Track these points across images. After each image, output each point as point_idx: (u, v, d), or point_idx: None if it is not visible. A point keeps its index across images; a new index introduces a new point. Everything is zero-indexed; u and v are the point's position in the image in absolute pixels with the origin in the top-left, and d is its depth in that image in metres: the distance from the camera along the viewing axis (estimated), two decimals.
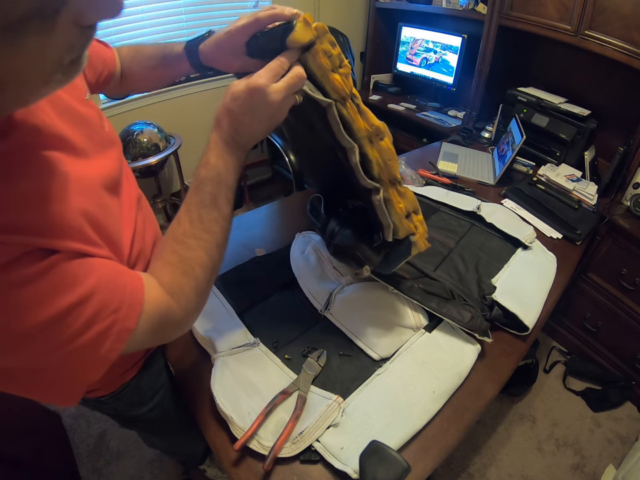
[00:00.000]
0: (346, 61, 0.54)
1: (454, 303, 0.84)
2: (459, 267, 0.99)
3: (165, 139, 1.91)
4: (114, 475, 1.29)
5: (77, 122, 0.47)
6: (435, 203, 1.26)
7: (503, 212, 1.20)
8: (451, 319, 0.80)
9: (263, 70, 0.47)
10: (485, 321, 0.82)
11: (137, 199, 0.62)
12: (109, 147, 0.54)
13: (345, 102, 0.55)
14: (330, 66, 0.52)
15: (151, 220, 0.67)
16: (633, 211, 1.35)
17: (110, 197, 0.49)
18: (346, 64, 0.54)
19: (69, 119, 0.46)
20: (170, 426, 0.84)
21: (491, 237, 1.11)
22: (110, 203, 0.49)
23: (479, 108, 2.03)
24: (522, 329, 0.85)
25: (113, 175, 0.52)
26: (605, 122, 1.59)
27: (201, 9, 2.01)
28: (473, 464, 1.35)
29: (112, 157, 0.54)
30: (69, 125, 0.45)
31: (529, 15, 1.63)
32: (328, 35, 0.51)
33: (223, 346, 0.74)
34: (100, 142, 0.51)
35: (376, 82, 2.60)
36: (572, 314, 1.64)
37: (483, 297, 0.90)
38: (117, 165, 0.54)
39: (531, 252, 1.06)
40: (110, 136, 0.55)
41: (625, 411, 1.53)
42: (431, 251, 1.03)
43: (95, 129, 0.51)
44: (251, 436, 0.60)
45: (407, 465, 0.57)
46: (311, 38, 0.49)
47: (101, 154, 0.50)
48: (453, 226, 1.15)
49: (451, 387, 0.72)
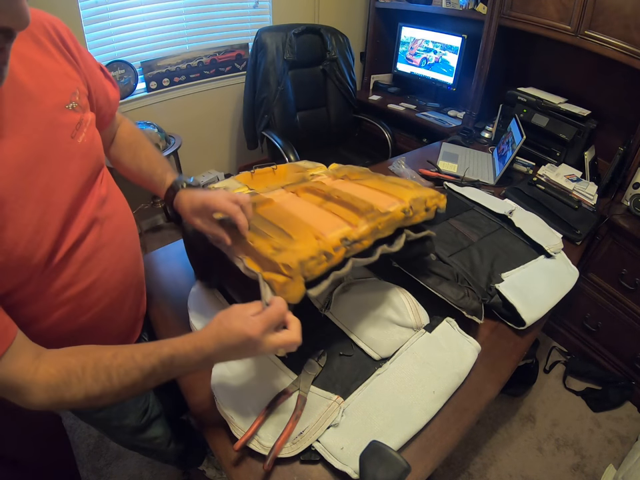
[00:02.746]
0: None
1: (451, 283, 0.85)
2: (474, 258, 1.01)
3: (164, 139, 1.91)
4: (114, 475, 1.29)
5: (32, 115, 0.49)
6: (470, 201, 1.28)
7: (535, 220, 1.20)
8: (441, 294, 0.81)
9: (262, 320, 0.50)
10: (479, 303, 0.83)
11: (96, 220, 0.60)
12: (70, 158, 0.54)
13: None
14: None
15: (119, 244, 0.65)
16: (633, 210, 1.34)
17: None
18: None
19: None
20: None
21: (516, 240, 1.11)
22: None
23: (478, 108, 2.03)
24: (519, 323, 0.86)
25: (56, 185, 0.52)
26: (605, 122, 1.59)
27: (201, 9, 2.01)
28: (473, 464, 1.35)
29: (68, 169, 0.54)
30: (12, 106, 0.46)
31: (528, 14, 1.63)
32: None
33: None
34: (59, 149, 0.52)
35: (376, 82, 2.60)
36: (572, 314, 1.64)
37: (489, 287, 0.91)
38: (70, 179, 0.54)
39: (553, 261, 1.06)
40: (80, 149, 0.56)
41: (624, 411, 1.53)
42: (450, 240, 1.06)
43: (58, 137, 0.52)
44: (251, 436, 0.60)
45: (407, 465, 0.57)
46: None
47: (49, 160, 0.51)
48: (482, 224, 1.16)
49: (451, 387, 0.72)
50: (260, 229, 0.66)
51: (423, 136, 2.22)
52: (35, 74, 0.50)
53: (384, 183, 0.86)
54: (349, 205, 0.72)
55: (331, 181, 0.93)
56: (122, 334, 0.74)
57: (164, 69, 2.01)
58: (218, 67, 2.19)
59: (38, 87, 0.50)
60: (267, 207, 0.76)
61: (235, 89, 2.28)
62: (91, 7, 1.69)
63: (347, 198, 0.74)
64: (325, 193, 0.79)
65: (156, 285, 0.94)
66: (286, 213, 0.72)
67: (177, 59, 2.03)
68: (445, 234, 1.08)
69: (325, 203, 0.77)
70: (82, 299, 0.59)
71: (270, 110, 1.99)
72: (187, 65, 2.07)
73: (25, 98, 0.48)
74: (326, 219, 0.70)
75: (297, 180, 0.96)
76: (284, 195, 0.83)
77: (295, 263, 0.57)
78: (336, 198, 0.76)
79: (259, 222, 0.69)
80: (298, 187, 0.86)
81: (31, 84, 0.49)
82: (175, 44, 2.02)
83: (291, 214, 0.72)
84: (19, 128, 0.47)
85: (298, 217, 0.70)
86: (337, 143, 2.28)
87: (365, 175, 0.95)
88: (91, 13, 1.70)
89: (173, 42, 2.01)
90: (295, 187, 0.86)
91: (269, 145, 2.08)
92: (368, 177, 0.93)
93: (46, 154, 0.50)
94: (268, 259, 0.59)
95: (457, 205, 1.25)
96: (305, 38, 2.04)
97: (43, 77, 0.51)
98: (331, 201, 0.77)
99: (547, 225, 1.19)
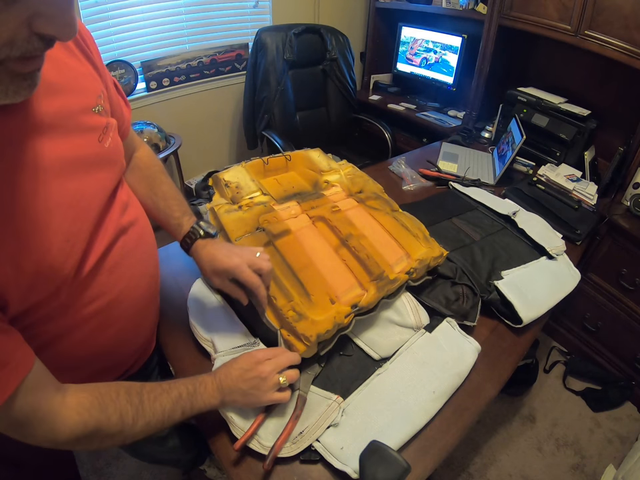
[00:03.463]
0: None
1: (446, 285, 0.86)
2: (476, 255, 1.01)
3: (164, 139, 1.91)
4: (114, 475, 1.29)
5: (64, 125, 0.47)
6: (474, 201, 1.28)
7: (538, 221, 1.20)
8: (428, 303, 0.83)
9: (270, 365, 0.60)
10: (474, 301, 0.84)
11: (123, 226, 0.59)
12: (99, 163, 0.52)
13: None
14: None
15: (142, 256, 0.64)
16: (633, 211, 1.34)
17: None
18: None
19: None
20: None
21: (518, 240, 1.11)
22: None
23: (478, 108, 2.03)
24: (517, 321, 0.86)
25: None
26: (605, 122, 1.59)
27: (201, 8, 2.01)
28: (473, 464, 1.35)
29: (99, 176, 0.52)
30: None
31: (528, 14, 1.63)
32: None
33: (223, 346, 0.74)
34: (91, 155, 0.51)
35: (376, 82, 2.60)
36: (572, 314, 1.64)
37: (488, 284, 0.92)
38: (101, 186, 0.53)
39: (555, 262, 1.06)
40: (107, 154, 0.54)
41: (625, 411, 1.53)
42: (453, 237, 1.07)
43: (87, 140, 0.50)
44: (250, 436, 0.60)
45: (407, 464, 0.57)
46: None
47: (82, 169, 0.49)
48: (485, 224, 1.16)
49: (451, 387, 0.72)
50: (281, 279, 0.71)
51: (423, 136, 2.22)
52: (62, 73, 0.47)
53: (397, 225, 0.90)
54: (364, 264, 0.78)
55: (345, 199, 0.95)
56: (141, 347, 0.72)
57: (164, 68, 2.01)
58: (218, 67, 2.19)
59: (67, 86, 0.47)
60: (285, 241, 0.79)
61: (234, 88, 2.28)
62: (91, 6, 1.69)
63: (363, 255, 0.79)
64: (342, 236, 0.83)
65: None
66: (305, 258, 0.77)
67: (177, 58, 2.03)
68: (447, 232, 1.09)
69: (340, 248, 0.82)
70: (110, 310, 0.56)
71: (270, 110, 1.99)
72: (186, 65, 2.07)
73: (54, 97, 0.45)
74: (340, 274, 0.77)
75: (311, 183, 0.96)
76: (301, 220, 0.84)
77: (314, 336, 0.65)
78: (352, 248, 0.81)
79: (278, 263, 0.73)
80: (315, 212, 0.87)
81: (60, 82, 0.46)
82: (175, 44, 2.01)
83: (309, 261, 0.77)
84: (55, 128, 0.44)
85: (315, 267, 0.76)
86: (337, 143, 2.28)
87: (380, 203, 0.96)
88: (91, 13, 1.70)
89: (173, 42, 2.01)
90: (309, 206, 0.88)
91: (268, 144, 2.08)
92: (382, 205, 0.96)
93: (77, 157, 0.48)
94: (290, 323, 0.67)
95: (460, 205, 1.26)
96: (305, 38, 2.04)
97: (71, 77, 0.49)
98: (347, 248, 0.82)
99: (550, 227, 1.19)
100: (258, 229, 0.80)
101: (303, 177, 1.00)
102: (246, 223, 0.81)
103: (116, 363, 0.66)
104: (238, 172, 0.94)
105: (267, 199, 0.87)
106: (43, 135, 0.43)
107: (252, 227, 0.80)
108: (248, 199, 0.86)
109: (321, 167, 1.03)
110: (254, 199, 0.86)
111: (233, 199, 0.86)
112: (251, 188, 0.88)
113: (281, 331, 0.69)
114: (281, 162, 0.98)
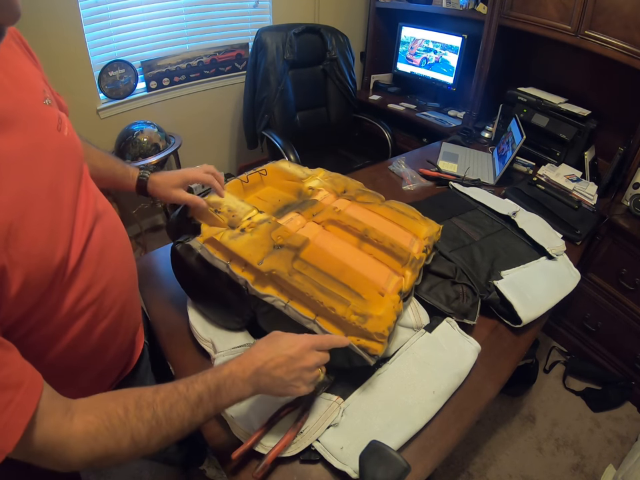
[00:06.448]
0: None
1: (445, 283, 0.87)
2: (476, 255, 1.02)
3: (164, 139, 1.91)
4: (114, 475, 1.29)
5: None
6: (474, 201, 1.28)
7: (538, 221, 1.20)
8: (429, 301, 0.84)
9: (318, 356, 0.57)
10: (474, 301, 0.85)
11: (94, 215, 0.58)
12: (63, 150, 0.52)
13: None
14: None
15: (115, 241, 0.63)
16: (633, 211, 1.35)
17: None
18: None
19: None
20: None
21: (518, 240, 1.11)
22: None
23: (478, 108, 2.03)
24: (516, 321, 0.86)
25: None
26: (605, 122, 1.59)
27: (201, 8, 2.01)
28: (472, 464, 1.35)
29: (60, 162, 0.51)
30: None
31: (528, 14, 1.63)
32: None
33: (222, 346, 0.74)
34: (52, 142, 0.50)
35: (376, 82, 2.60)
36: (572, 314, 1.64)
37: (487, 284, 0.92)
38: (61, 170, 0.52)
39: (555, 263, 1.06)
40: (68, 142, 0.54)
41: (624, 411, 1.53)
42: (452, 236, 1.08)
43: (46, 130, 0.50)
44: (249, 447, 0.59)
45: (407, 464, 0.57)
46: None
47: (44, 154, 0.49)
48: (485, 224, 1.16)
49: (451, 387, 0.72)
50: (328, 288, 0.70)
51: (422, 136, 2.22)
52: (6, 70, 0.46)
53: (394, 212, 0.92)
54: (390, 252, 0.80)
55: (336, 200, 0.94)
56: (132, 344, 0.72)
57: (164, 68, 2.01)
58: (218, 67, 2.19)
59: (13, 82, 0.46)
60: (309, 251, 0.77)
61: (234, 88, 2.28)
62: (91, 6, 1.69)
63: (387, 244, 0.80)
64: (360, 233, 0.83)
65: (156, 285, 0.94)
66: (337, 262, 0.76)
67: (177, 58, 2.03)
68: (447, 231, 1.09)
69: (362, 244, 0.82)
70: (101, 301, 0.55)
71: (270, 110, 1.99)
72: (186, 65, 2.07)
73: (3, 92, 0.44)
74: (373, 267, 0.78)
75: (294, 194, 0.94)
76: (311, 228, 0.83)
77: (386, 331, 0.66)
78: (373, 240, 0.81)
79: (314, 274, 0.72)
80: (320, 217, 0.86)
81: (5, 80, 0.45)
82: (175, 44, 2.02)
83: (342, 263, 0.76)
84: (10, 122, 0.43)
85: (351, 268, 0.75)
86: (336, 143, 2.28)
87: (369, 196, 0.97)
88: (91, 13, 1.70)
89: (173, 42, 2.01)
90: (310, 214, 0.86)
91: (268, 144, 2.07)
92: (372, 198, 0.96)
93: (42, 148, 0.48)
94: (358, 327, 0.65)
95: (461, 205, 1.26)
96: (305, 38, 2.04)
97: (15, 73, 0.48)
98: (368, 242, 0.82)
99: (549, 227, 1.19)
100: (275, 247, 0.75)
101: (282, 189, 0.96)
102: (260, 244, 0.75)
103: (110, 362, 0.65)
104: (227, 199, 0.87)
105: (266, 216, 0.82)
106: (1, 132, 0.42)
107: (268, 246, 0.75)
108: (247, 220, 0.80)
109: (298, 176, 0.99)
110: (252, 218, 0.80)
111: (230, 224, 0.79)
112: (245, 208, 0.81)
113: (351, 341, 0.65)
114: (256, 178, 0.95)
